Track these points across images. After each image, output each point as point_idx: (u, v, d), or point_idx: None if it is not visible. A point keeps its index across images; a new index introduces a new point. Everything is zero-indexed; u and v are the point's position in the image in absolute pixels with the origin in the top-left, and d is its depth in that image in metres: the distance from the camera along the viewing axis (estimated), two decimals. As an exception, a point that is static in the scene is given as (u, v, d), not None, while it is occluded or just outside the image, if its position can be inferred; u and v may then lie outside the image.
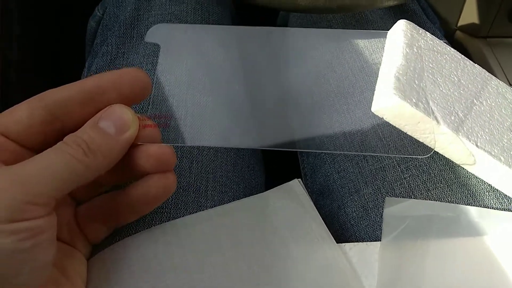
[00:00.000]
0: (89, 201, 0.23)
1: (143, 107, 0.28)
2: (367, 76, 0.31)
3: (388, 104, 0.24)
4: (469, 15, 0.49)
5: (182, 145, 0.27)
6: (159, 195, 0.22)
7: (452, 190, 0.27)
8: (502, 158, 0.25)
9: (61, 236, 0.22)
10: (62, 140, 0.19)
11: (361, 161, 0.30)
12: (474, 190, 0.27)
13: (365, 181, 0.29)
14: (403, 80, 0.25)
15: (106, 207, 0.23)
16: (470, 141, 0.24)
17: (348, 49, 0.33)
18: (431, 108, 0.25)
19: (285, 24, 0.44)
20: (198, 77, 0.28)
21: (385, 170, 0.29)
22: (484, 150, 0.24)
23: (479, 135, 0.25)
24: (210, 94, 0.28)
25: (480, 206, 0.26)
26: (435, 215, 0.25)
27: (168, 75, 0.27)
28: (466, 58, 0.29)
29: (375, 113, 0.26)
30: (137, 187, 0.22)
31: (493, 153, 0.24)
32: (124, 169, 0.22)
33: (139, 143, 0.21)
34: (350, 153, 0.30)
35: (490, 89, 0.28)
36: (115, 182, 0.23)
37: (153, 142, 0.22)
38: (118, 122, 0.20)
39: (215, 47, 0.30)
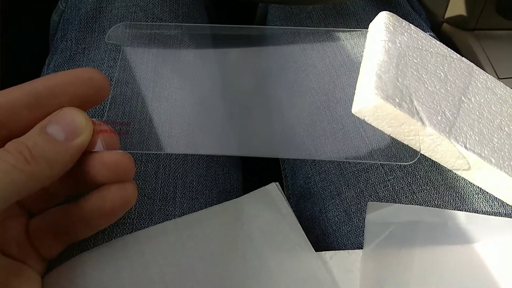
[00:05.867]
0: (41, 214, 0.21)
1: (102, 109, 0.26)
2: (349, 72, 0.29)
3: (369, 105, 0.22)
4: (456, 7, 0.48)
5: (145, 152, 0.25)
6: (115, 209, 0.20)
7: (439, 193, 0.25)
8: (492, 159, 0.23)
9: (9, 251, 0.19)
10: None
11: (343, 162, 0.28)
12: (462, 192, 0.25)
13: (347, 184, 0.27)
14: (385, 78, 0.23)
15: (58, 221, 0.20)
16: (458, 142, 0.23)
17: (329, 43, 0.30)
18: (416, 108, 0.23)
19: (264, 16, 0.41)
20: (166, 76, 0.26)
21: (368, 172, 0.27)
22: (473, 152, 0.23)
23: (468, 136, 0.23)
24: (179, 94, 0.26)
25: (469, 210, 0.25)
26: (421, 221, 0.24)
27: (131, 73, 0.25)
28: (452, 51, 0.27)
29: (355, 114, 0.24)
30: (91, 199, 0.20)
31: (483, 155, 0.23)
32: (77, 179, 0.20)
33: (93, 150, 0.19)
34: (332, 159, 0.28)
35: (478, 84, 0.26)
36: (69, 193, 0.21)
37: (110, 149, 0.20)
38: (68, 127, 0.18)
39: (186, 45, 0.27)
